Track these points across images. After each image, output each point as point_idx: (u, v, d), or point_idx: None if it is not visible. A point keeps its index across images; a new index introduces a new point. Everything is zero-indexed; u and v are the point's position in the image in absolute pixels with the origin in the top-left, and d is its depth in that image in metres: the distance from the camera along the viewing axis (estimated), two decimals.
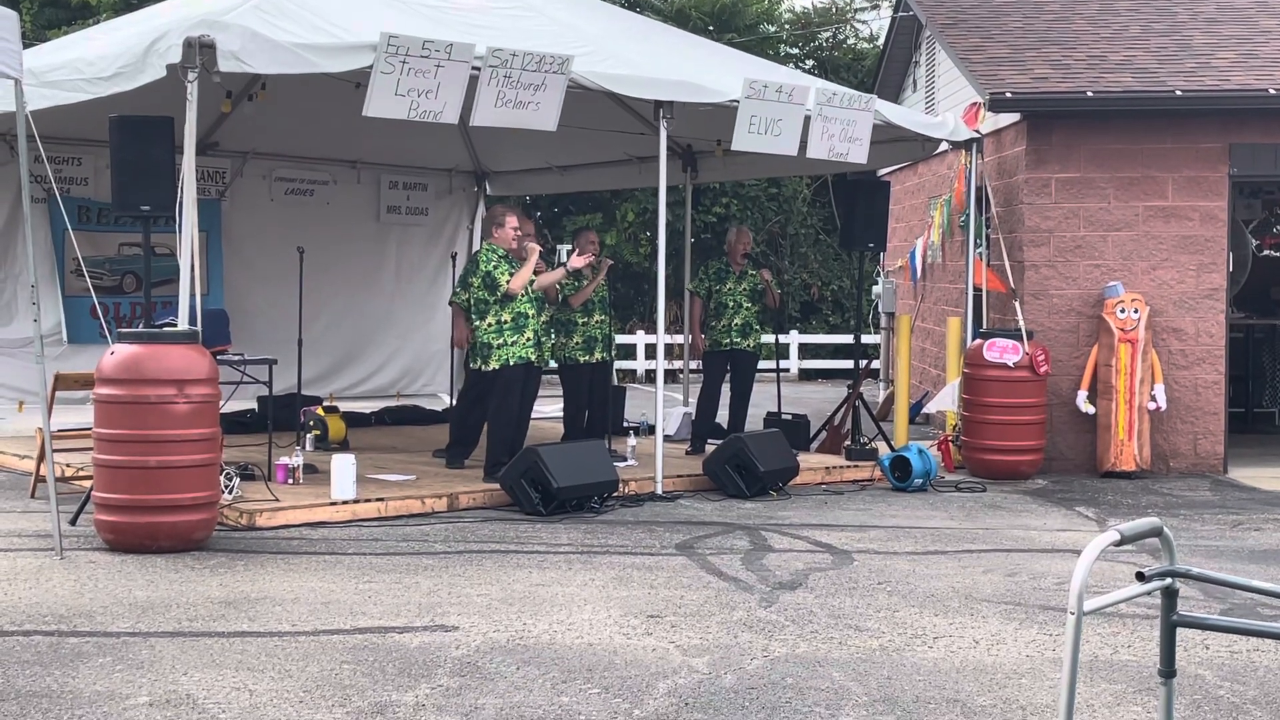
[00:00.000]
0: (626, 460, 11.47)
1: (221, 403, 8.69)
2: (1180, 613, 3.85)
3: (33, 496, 10.11)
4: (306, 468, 10.29)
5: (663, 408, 11.09)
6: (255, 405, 12.76)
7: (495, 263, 10.45)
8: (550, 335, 11.53)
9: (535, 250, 10.50)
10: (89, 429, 8.62)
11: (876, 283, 19.31)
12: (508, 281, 10.36)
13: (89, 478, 8.92)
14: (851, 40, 28.55)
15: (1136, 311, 12.18)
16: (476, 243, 15.94)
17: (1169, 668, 3.92)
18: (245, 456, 10.69)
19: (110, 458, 8.27)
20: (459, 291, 11.23)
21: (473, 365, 10.83)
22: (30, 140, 8.15)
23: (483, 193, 16.35)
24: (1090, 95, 12.35)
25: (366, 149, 14.67)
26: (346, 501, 9.51)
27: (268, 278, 14.13)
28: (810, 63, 27.40)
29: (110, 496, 8.26)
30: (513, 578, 7.74)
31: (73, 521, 8.92)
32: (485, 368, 10.51)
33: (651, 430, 11.94)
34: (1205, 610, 7.14)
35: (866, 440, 12.59)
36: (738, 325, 12.35)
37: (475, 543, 8.79)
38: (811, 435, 13.20)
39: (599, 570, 7.98)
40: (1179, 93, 12.34)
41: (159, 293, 11.02)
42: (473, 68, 9.44)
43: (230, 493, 9.28)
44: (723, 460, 10.79)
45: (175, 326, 8.75)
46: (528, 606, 7.07)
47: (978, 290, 12.91)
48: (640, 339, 23.46)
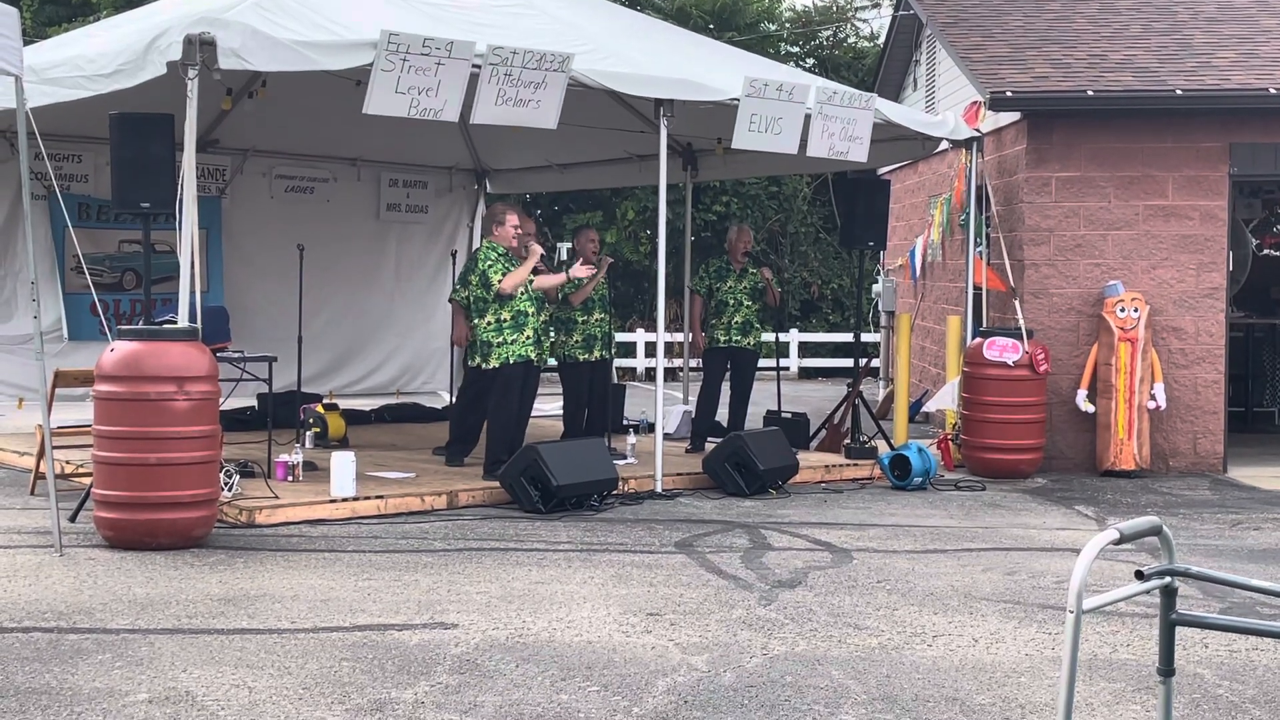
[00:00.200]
0: (626, 458, 11.47)
1: (221, 400, 8.70)
2: (1179, 611, 3.86)
3: (32, 493, 10.12)
4: (306, 465, 10.29)
5: (662, 406, 11.10)
6: (255, 402, 12.77)
7: (493, 261, 10.44)
8: (549, 334, 11.53)
9: (536, 252, 10.49)
10: (89, 426, 8.63)
11: (876, 281, 19.30)
12: (499, 281, 10.35)
13: (89, 475, 8.92)
14: (852, 39, 28.56)
15: (1136, 310, 12.18)
16: (477, 241, 15.93)
17: (1168, 666, 3.92)
18: (245, 454, 10.70)
19: (110, 454, 8.27)
20: (459, 289, 11.22)
21: (471, 363, 10.83)
22: (31, 137, 8.15)
23: (483, 190, 16.34)
24: (1091, 94, 12.35)
25: (367, 147, 14.66)
26: (346, 499, 9.51)
27: (268, 275, 14.13)
28: (811, 61, 27.40)
29: (110, 493, 8.26)
30: (512, 575, 7.74)
31: (72, 518, 8.92)
32: (485, 366, 10.51)
33: (651, 428, 11.94)
34: (1204, 609, 7.14)
35: (866, 439, 12.59)
36: (738, 323, 12.35)
37: (475, 540, 8.79)
38: (811, 434, 13.20)
39: (598, 568, 7.98)
40: (1179, 92, 12.34)
41: (159, 290, 11.02)
42: (473, 65, 9.44)
43: (230, 490, 9.28)
44: (722, 458, 10.79)
45: (175, 324, 8.75)
46: (527, 604, 7.07)
47: (978, 289, 12.91)
48: (640, 337, 23.46)
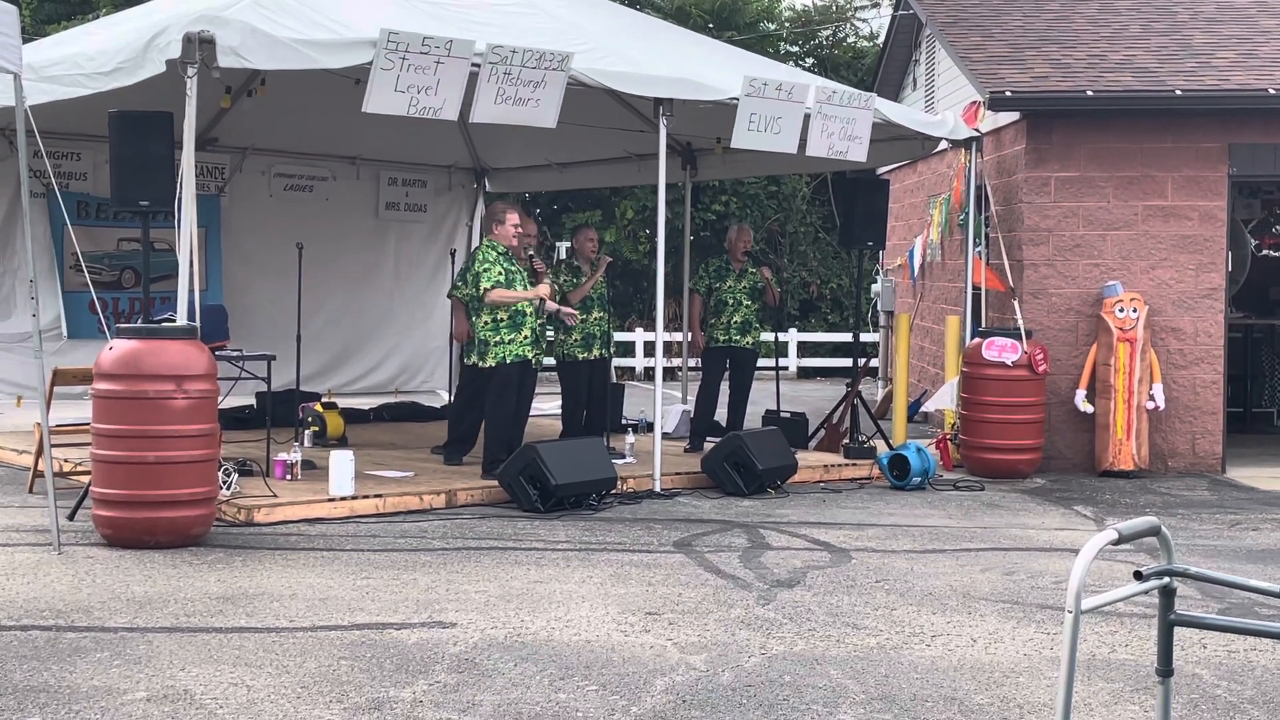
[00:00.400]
0: (625, 458, 11.47)
1: (220, 398, 8.69)
2: (1178, 612, 3.85)
3: (31, 491, 10.11)
4: (305, 464, 10.28)
5: (661, 405, 11.10)
6: (254, 401, 12.77)
7: (490, 263, 10.40)
8: (547, 334, 11.51)
9: (543, 292, 10.42)
10: (87, 424, 8.62)
11: (875, 281, 19.31)
12: (489, 288, 10.34)
13: (87, 473, 8.92)
14: (851, 38, 28.56)
15: (1135, 311, 12.18)
16: (476, 239, 15.93)
17: (1166, 667, 3.92)
18: (243, 452, 10.69)
19: (108, 453, 8.27)
20: (459, 285, 11.22)
21: (468, 361, 10.82)
22: (30, 135, 8.14)
23: (482, 189, 16.34)
24: (1090, 94, 12.35)
25: (366, 145, 14.66)
26: (344, 498, 9.51)
27: (266, 273, 14.12)
28: (810, 61, 27.40)
29: (108, 492, 8.25)
30: (510, 575, 7.74)
31: (71, 516, 8.91)
32: (481, 364, 10.50)
33: (650, 428, 11.94)
34: (1203, 609, 7.14)
35: (865, 438, 12.58)
36: (737, 323, 12.34)
37: (473, 539, 8.79)
38: (810, 433, 13.20)
39: (597, 567, 7.98)
40: (1179, 92, 12.34)
41: (158, 288, 11.02)
42: (472, 64, 9.43)
43: (228, 488, 9.27)
44: (721, 458, 10.79)
45: (174, 322, 8.74)
46: (525, 603, 7.07)
47: (977, 289, 12.91)
48: (639, 336, 23.46)
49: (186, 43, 8.52)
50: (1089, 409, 12.35)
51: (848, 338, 22.84)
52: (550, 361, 11.98)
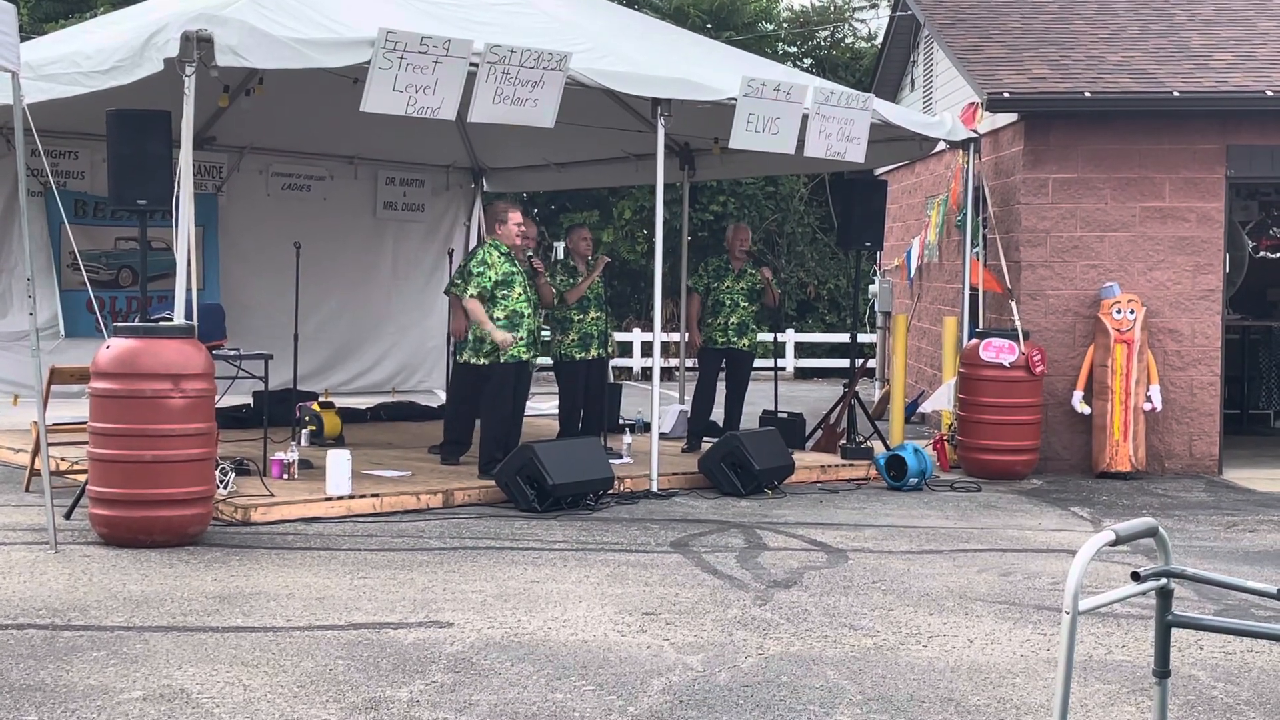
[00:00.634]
0: (622, 458, 11.47)
1: (217, 398, 8.68)
2: (1175, 613, 3.86)
3: (27, 490, 10.10)
4: (302, 463, 10.28)
5: (658, 405, 11.09)
6: (251, 400, 12.76)
7: (489, 264, 10.38)
8: (543, 334, 11.50)
9: (507, 341, 10.32)
10: (84, 423, 8.62)
11: (873, 282, 19.31)
12: (474, 294, 10.33)
13: (84, 472, 8.91)
14: (849, 39, 28.58)
15: (1133, 312, 12.19)
16: (473, 239, 15.93)
17: (1163, 668, 3.92)
18: (240, 451, 10.68)
19: (105, 452, 8.26)
20: (458, 283, 11.22)
21: (460, 358, 10.81)
22: (27, 133, 8.14)
23: (480, 189, 16.34)
24: (1088, 96, 12.35)
25: (364, 144, 14.66)
26: (341, 497, 9.50)
27: (264, 273, 14.12)
28: (808, 61, 27.41)
29: (105, 490, 8.25)
30: (507, 574, 7.74)
31: (67, 515, 8.90)
32: (474, 361, 10.49)
33: (647, 428, 11.94)
34: (1199, 611, 7.15)
35: (862, 439, 12.58)
36: (734, 324, 12.34)
37: (470, 539, 8.78)
38: (807, 434, 13.19)
39: (594, 567, 7.97)
40: (1177, 94, 12.35)
41: (155, 287, 11.01)
42: (471, 64, 9.43)
43: (225, 488, 9.27)
44: (718, 458, 10.79)
45: (171, 321, 8.74)
46: (522, 603, 7.07)
47: (974, 290, 12.91)
48: (636, 336, 23.47)
49: (185, 41, 8.52)
50: (1086, 410, 12.35)
51: (845, 338, 22.77)
52: (547, 361, 11.98)
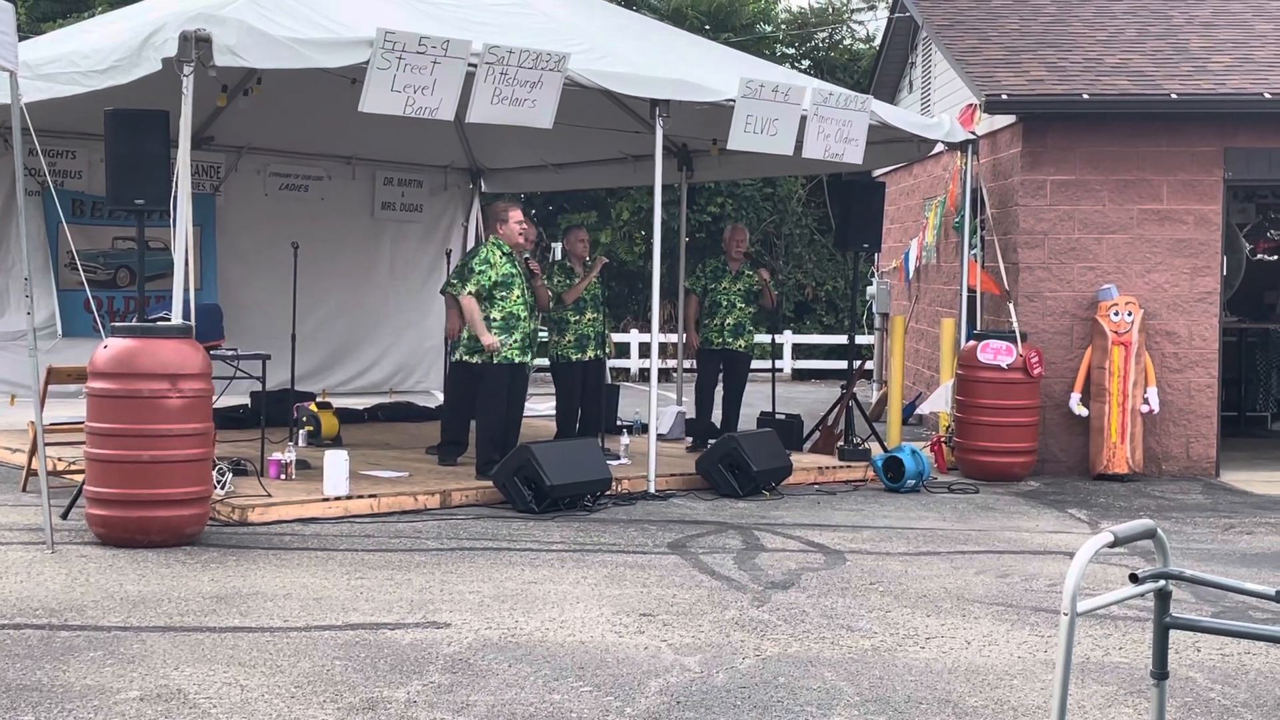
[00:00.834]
0: (619, 459, 11.47)
1: (214, 398, 8.68)
2: (1173, 615, 3.86)
3: (24, 490, 10.10)
4: (299, 463, 10.28)
5: (656, 406, 11.09)
6: (248, 400, 12.75)
7: (490, 264, 10.38)
8: (540, 335, 11.49)
9: (493, 345, 10.31)
10: (81, 423, 8.61)
11: (871, 283, 19.31)
12: (471, 291, 10.33)
13: (81, 472, 8.91)
14: (848, 41, 28.58)
15: (1130, 314, 12.19)
16: (471, 240, 15.93)
17: (1161, 670, 3.92)
18: (238, 452, 10.67)
19: (102, 452, 8.25)
20: (455, 283, 11.20)
21: (454, 356, 10.80)
22: (25, 133, 8.13)
23: (478, 189, 16.34)
24: (1086, 98, 12.35)
25: (362, 145, 14.65)
26: (339, 497, 9.50)
27: (262, 273, 14.11)
28: (806, 63, 27.41)
29: (102, 491, 8.24)
30: (505, 575, 7.73)
31: (64, 515, 8.90)
32: (467, 359, 10.49)
33: (645, 429, 11.93)
34: (1197, 613, 7.15)
35: (859, 441, 12.58)
36: (730, 325, 12.34)
37: (467, 540, 8.78)
38: (805, 435, 13.19)
39: (591, 568, 7.97)
40: (1174, 96, 12.35)
41: (153, 287, 11.01)
42: (469, 64, 9.43)
43: (222, 488, 9.26)
44: (716, 459, 10.79)
45: (169, 321, 8.73)
46: (520, 604, 7.06)
47: (972, 292, 12.92)
48: (634, 337, 23.48)
49: (183, 41, 8.51)
50: (1084, 412, 12.35)
51: (843, 340, 22.78)
52: (544, 362, 11.97)
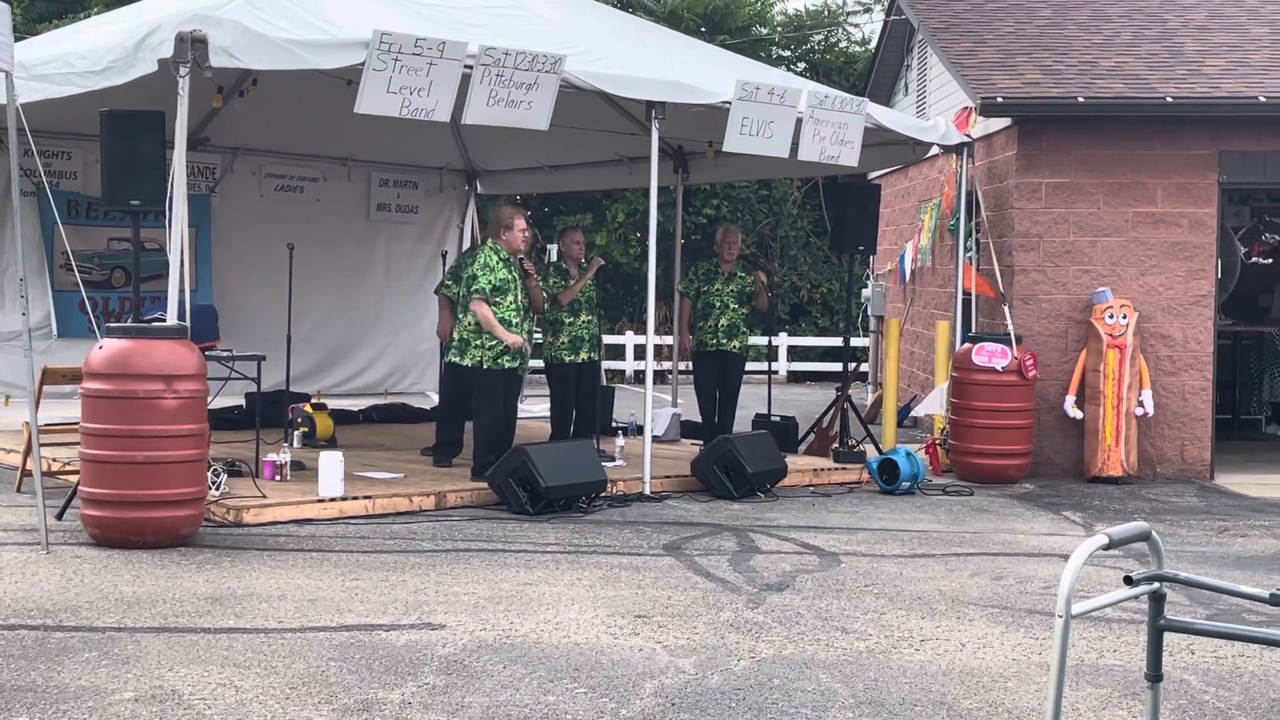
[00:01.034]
0: (614, 460, 11.47)
1: (209, 399, 8.68)
2: (1167, 617, 3.86)
3: (19, 490, 10.09)
4: (294, 464, 10.27)
5: (651, 408, 11.09)
6: (243, 401, 12.74)
7: (491, 267, 10.37)
8: (534, 336, 11.48)
9: (517, 343, 10.31)
10: (76, 423, 8.60)
11: (866, 286, 19.33)
12: (483, 289, 10.30)
13: (75, 472, 8.90)
14: (843, 43, 28.60)
15: (1125, 317, 12.21)
16: (466, 241, 15.93)
17: (1155, 672, 3.93)
18: (233, 453, 10.67)
19: (97, 452, 8.25)
20: (449, 284, 11.19)
21: (446, 357, 10.79)
22: (20, 133, 8.12)
23: (473, 191, 16.35)
24: (1081, 101, 12.37)
25: (357, 146, 14.65)
26: (334, 499, 9.49)
27: (257, 274, 14.10)
28: (802, 65, 27.42)
29: (97, 491, 8.23)
30: (500, 577, 7.73)
31: (59, 516, 8.89)
32: (459, 361, 10.48)
33: (640, 430, 11.93)
34: (1191, 615, 7.16)
35: (854, 443, 12.59)
36: (724, 327, 12.35)
37: (462, 541, 8.78)
38: (800, 437, 13.20)
39: (586, 570, 7.97)
40: (1170, 99, 12.36)
41: (148, 288, 11.02)
42: (465, 66, 9.43)
43: (217, 489, 9.25)
44: (711, 461, 10.79)
45: (164, 322, 8.72)
46: (515, 605, 7.06)
47: (967, 294, 12.93)
48: (629, 339, 23.47)
49: (179, 42, 8.51)
50: (1078, 415, 12.36)
51: (838, 342, 22.83)
52: (538, 364, 11.97)
